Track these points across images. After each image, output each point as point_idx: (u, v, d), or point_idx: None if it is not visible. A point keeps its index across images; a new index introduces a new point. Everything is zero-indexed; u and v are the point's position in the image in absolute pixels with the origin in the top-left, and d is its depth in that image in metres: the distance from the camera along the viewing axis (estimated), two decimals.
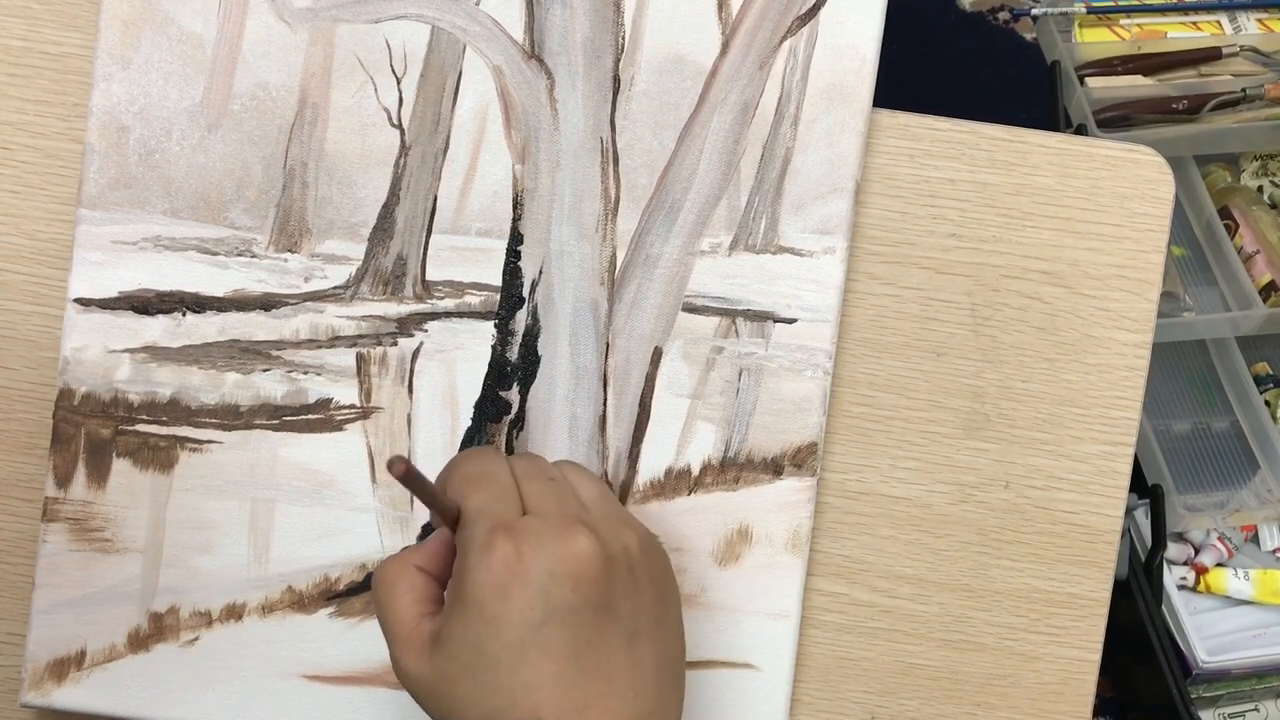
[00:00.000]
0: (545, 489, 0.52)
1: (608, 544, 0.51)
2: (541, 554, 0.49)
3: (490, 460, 0.53)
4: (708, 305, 0.60)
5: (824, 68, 0.60)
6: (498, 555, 0.49)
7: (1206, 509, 1.02)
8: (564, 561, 0.49)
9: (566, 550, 0.49)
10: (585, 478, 0.55)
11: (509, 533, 0.49)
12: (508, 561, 0.49)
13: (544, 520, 0.50)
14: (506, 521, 0.50)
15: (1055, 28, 1.14)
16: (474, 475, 0.52)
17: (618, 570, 0.51)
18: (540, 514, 0.51)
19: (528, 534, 0.50)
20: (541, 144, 0.60)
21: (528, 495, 0.52)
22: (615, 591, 0.50)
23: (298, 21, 0.60)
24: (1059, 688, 0.62)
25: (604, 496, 0.54)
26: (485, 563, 0.49)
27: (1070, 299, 0.61)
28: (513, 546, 0.49)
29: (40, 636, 0.60)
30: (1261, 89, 1.10)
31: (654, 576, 0.53)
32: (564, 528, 0.50)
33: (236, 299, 0.60)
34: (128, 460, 0.60)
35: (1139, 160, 0.61)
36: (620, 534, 0.52)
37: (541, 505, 0.52)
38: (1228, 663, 0.99)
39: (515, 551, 0.49)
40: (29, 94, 0.61)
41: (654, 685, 0.51)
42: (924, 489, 0.62)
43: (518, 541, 0.49)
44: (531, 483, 0.53)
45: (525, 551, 0.49)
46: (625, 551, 0.51)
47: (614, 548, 0.51)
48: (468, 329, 0.60)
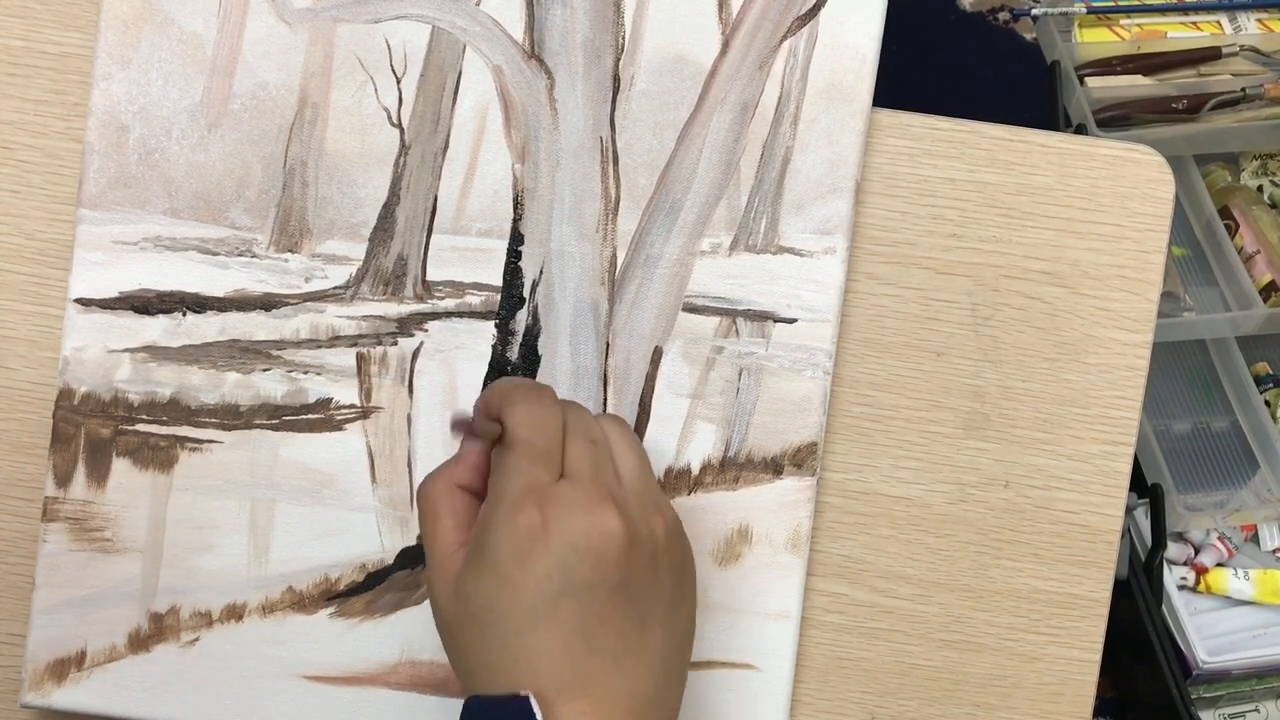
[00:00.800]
0: (585, 453, 0.52)
1: (635, 525, 0.50)
2: (567, 526, 0.49)
3: (545, 407, 0.52)
4: (708, 305, 0.60)
5: (824, 68, 0.60)
6: (524, 519, 0.49)
7: (1206, 509, 1.02)
8: (588, 537, 0.49)
9: (592, 526, 0.49)
10: (628, 444, 0.54)
11: (539, 498, 0.49)
12: (532, 528, 0.49)
13: (576, 489, 0.50)
14: (540, 485, 0.50)
15: (1055, 28, 1.14)
16: (527, 420, 0.51)
17: (640, 553, 0.50)
18: (574, 481, 0.51)
19: (557, 502, 0.49)
20: (541, 144, 0.60)
21: (569, 455, 0.52)
22: (635, 573, 0.50)
23: (298, 21, 0.60)
24: (1059, 688, 0.62)
25: (642, 470, 0.54)
26: (511, 523, 0.49)
27: (1070, 299, 0.61)
28: (540, 514, 0.49)
29: (40, 636, 0.60)
30: (1261, 89, 1.10)
31: (675, 564, 0.53)
32: (594, 502, 0.50)
33: (236, 299, 0.60)
34: (128, 460, 0.60)
35: (1139, 160, 0.61)
36: (649, 515, 0.52)
37: (579, 470, 0.51)
38: (1228, 663, 0.99)
39: (542, 519, 0.49)
40: (29, 94, 0.61)
41: (659, 671, 0.51)
42: (924, 489, 0.62)
43: (546, 509, 0.49)
44: (575, 442, 0.52)
45: (551, 520, 0.49)
46: (651, 535, 0.51)
47: (640, 529, 0.51)
48: (468, 329, 0.60)
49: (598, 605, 0.49)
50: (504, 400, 0.53)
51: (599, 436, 0.53)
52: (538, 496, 0.50)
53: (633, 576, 0.50)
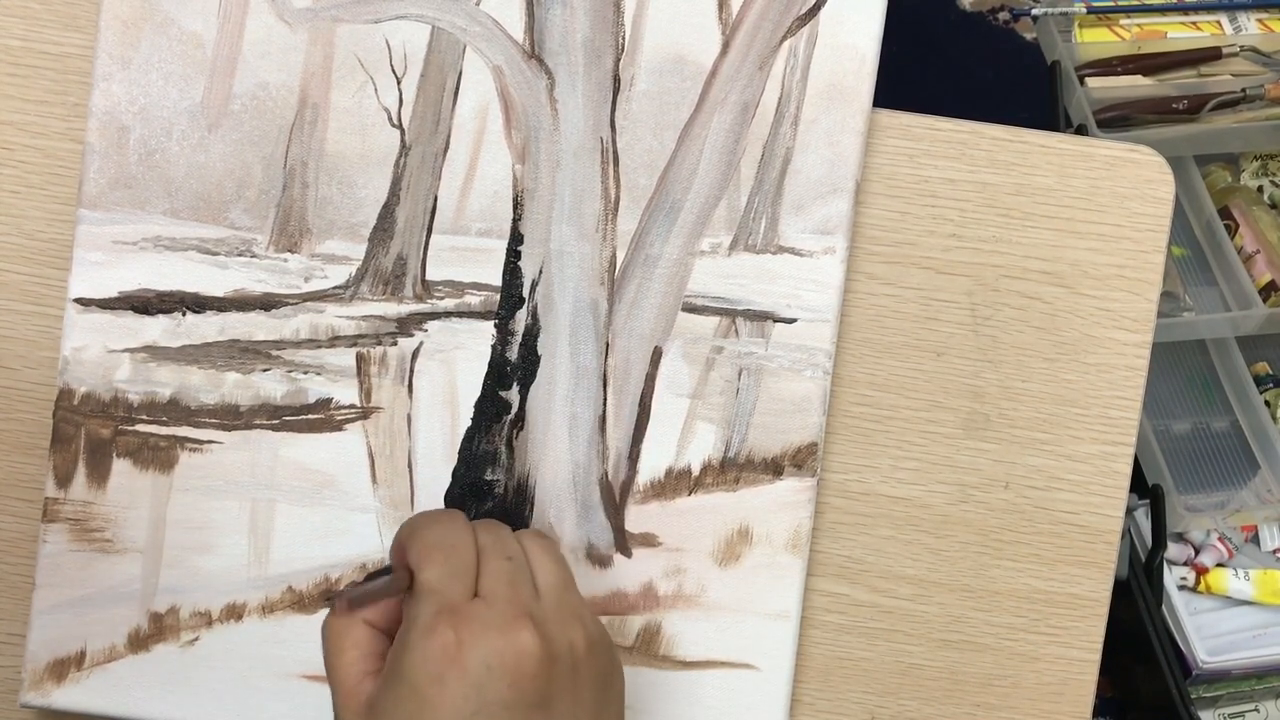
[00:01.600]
0: (500, 570, 0.51)
1: (553, 641, 0.50)
2: (482, 645, 0.48)
3: (454, 531, 0.52)
4: (708, 305, 0.60)
5: (824, 68, 0.60)
6: (438, 640, 0.48)
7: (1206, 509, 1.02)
8: (504, 656, 0.48)
9: (508, 645, 0.49)
10: (547, 558, 0.54)
11: (454, 618, 0.49)
12: (447, 648, 0.48)
13: (491, 608, 0.50)
14: (454, 605, 0.50)
15: (1055, 28, 1.14)
16: (435, 544, 0.51)
17: (560, 668, 0.50)
18: (490, 599, 0.50)
19: (472, 622, 0.49)
20: (541, 144, 0.60)
21: (484, 574, 0.51)
22: (554, 689, 0.49)
23: (298, 21, 0.60)
24: (1059, 688, 0.62)
25: (561, 583, 0.53)
26: (425, 646, 0.49)
27: (1070, 299, 0.61)
28: (454, 634, 0.49)
29: (40, 636, 0.60)
30: (1261, 89, 1.10)
31: (597, 674, 0.52)
32: (510, 619, 0.49)
33: (236, 299, 0.60)
34: (128, 460, 0.60)
35: (1139, 160, 0.61)
36: (568, 629, 0.51)
37: (494, 589, 0.51)
38: (1228, 663, 0.99)
39: (456, 640, 0.48)
40: (29, 94, 0.61)
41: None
42: (924, 489, 0.62)
43: (460, 629, 0.49)
44: (490, 560, 0.52)
45: (466, 640, 0.48)
46: (570, 649, 0.51)
47: (559, 645, 0.50)
48: (468, 329, 0.60)
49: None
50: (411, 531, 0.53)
51: (516, 553, 0.53)
52: (450, 617, 0.49)
53: (552, 693, 0.49)
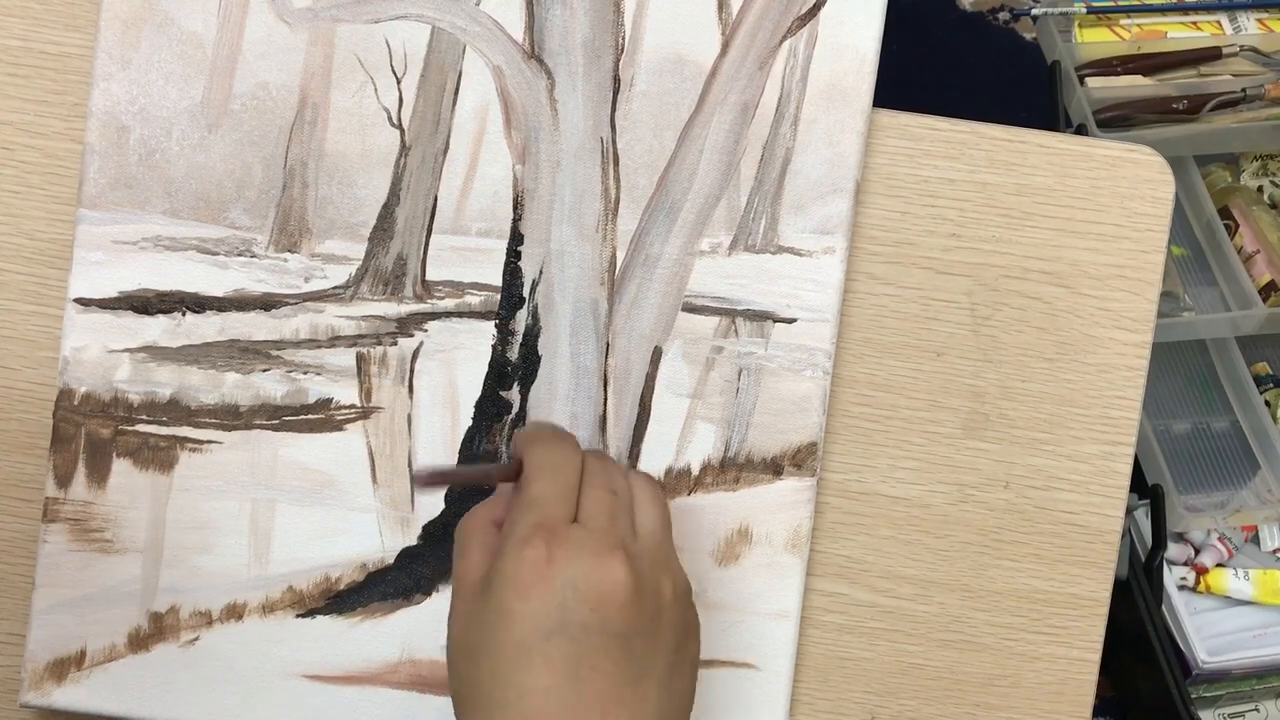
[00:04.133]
0: (603, 500, 0.52)
1: (642, 578, 0.50)
2: (572, 566, 0.49)
3: (563, 452, 0.53)
4: (708, 305, 0.60)
5: (824, 68, 0.60)
6: (529, 554, 0.49)
7: (1206, 509, 1.02)
8: (590, 580, 0.48)
9: (597, 570, 0.49)
10: (652, 502, 0.54)
11: (548, 535, 0.49)
12: (537, 563, 0.48)
13: (587, 533, 0.50)
14: (551, 523, 0.50)
15: (1055, 28, 1.14)
16: (543, 463, 0.52)
17: (644, 607, 0.50)
18: (588, 525, 0.50)
19: (566, 542, 0.49)
20: (541, 144, 0.60)
21: (585, 500, 0.51)
22: (635, 626, 0.49)
23: (298, 21, 0.60)
24: (1059, 688, 0.62)
25: (661, 530, 0.53)
26: (517, 556, 0.49)
27: (1070, 299, 0.61)
28: (546, 550, 0.49)
29: (40, 636, 0.60)
30: (1261, 89, 1.10)
31: (678, 626, 0.52)
32: (604, 548, 0.49)
33: (236, 299, 0.60)
34: (128, 460, 0.60)
35: (1139, 160, 0.61)
36: (658, 574, 0.51)
37: (594, 517, 0.51)
38: (1228, 663, 0.99)
39: (547, 555, 0.49)
40: (29, 94, 0.61)
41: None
42: (924, 489, 0.62)
43: (553, 546, 0.49)
44: (593, 489, 0.52)
45: (557, 558, 0.49)
46: (656, 592, 0.51)
47: (647, 584, 0.50)
48: (468, 329, 0.60)
49: (593, 652, 0.48)
50: (524, 442, 0.53)
51: (621, 488, 0.53)
52: (547, 533, 0.49)
53: (633, 628, 0.49)
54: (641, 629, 0.50)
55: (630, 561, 0.50)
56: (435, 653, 0.60)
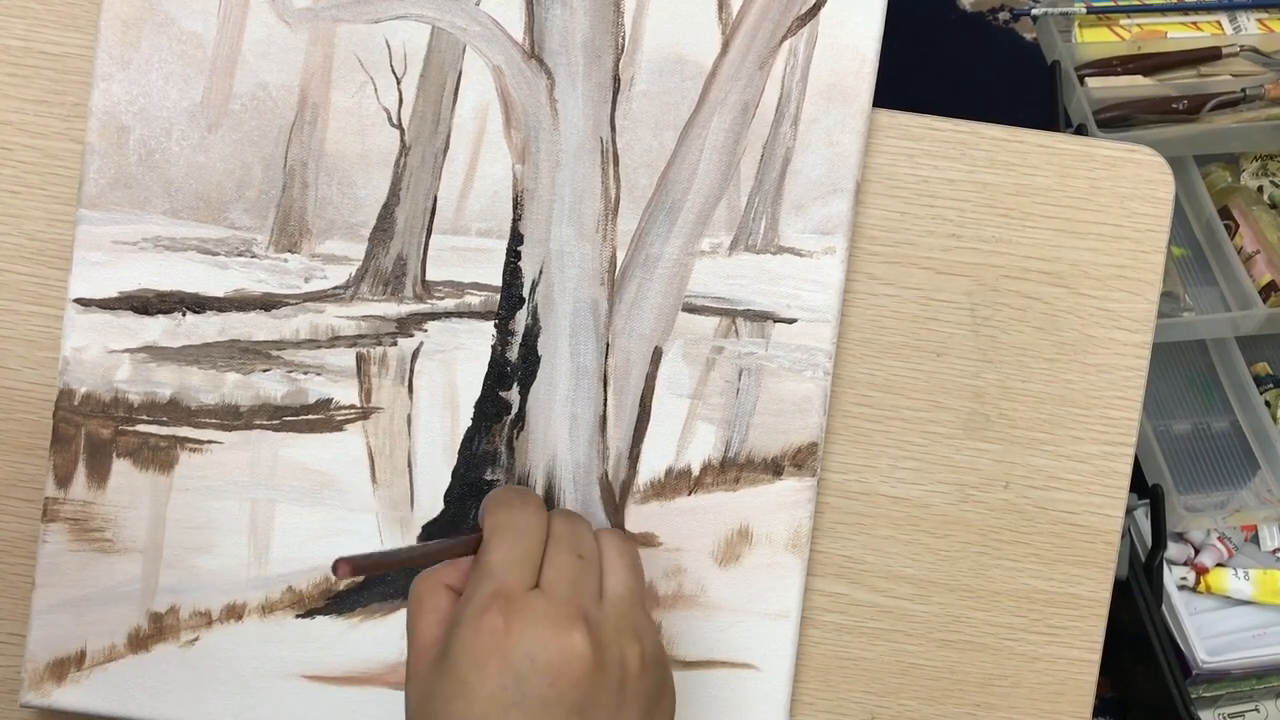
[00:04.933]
0: (567, 566, 0.51)
1: (605, 649, 0.49)
2: (529, 637, 0.48)
3: (525, 515, 0.52)
4: (708, 305, 0.60)
5: (824, 68, 0.60)
6: (487, 623, 0.48)
7: (1206, 509, 1.02)
8: (549, 652, 0.48)
9: (556, 642, 0.48)
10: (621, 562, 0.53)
11: (505, 604, 0.48)
12: (495, 634, 0.48)
13: (547, 603, 0.49)
14: (508, 591, 0.49)
15: (1055, 28, 1.14)
16: (505, 526, 0.51)
17: (606, 679, 0.49)
18: (549, 593, 0.49)
19: (524, 612, 0.48)
20: (541, 144, 0.60)
21: (548, 566, 0.50)
22: (596, 699, 0.48)
23: (298, 21, 0.60)
24: (1059, 688, 0.62)
25: (630, 593, 0.52)
26: (475, 626, 0.48)
27: (1070, 299, 0.61)
28: (503, 621, 0.48)
29: (40, 636, 0.60)
30: (1261, 89, 1.10)
31: (645, 694, 0.50)
32: (563, 618, 0.48)
33: (236, 299, 0.60)
34: (128, 460, 0.60)
35: (1139, 160, 0.61)
36: (624, 642, 0.50)
37: (555, 585, 0.50)
38: (1228, 663, 0.99)
39: (505, 627, 0.48)
40: (29, 94, 0.61)
41: None
42: (924, 489, 0.62)
43: (510, 617, 0.48)
44: (558, 553, 0.51)
45: (515, 629, 0.48)
46: (621, 662, 0.49)
47: (610, 655, 0.49)
48: (468, 329, 0.60)
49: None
50: (491, 504, 0.52)
51: (589, 551, 0.52)
52: (504, 602, 0.48)
53: (594, 702, 0.48)
54: (603, 701, 0.49)
55: (592, 632, 0.49)
56: None
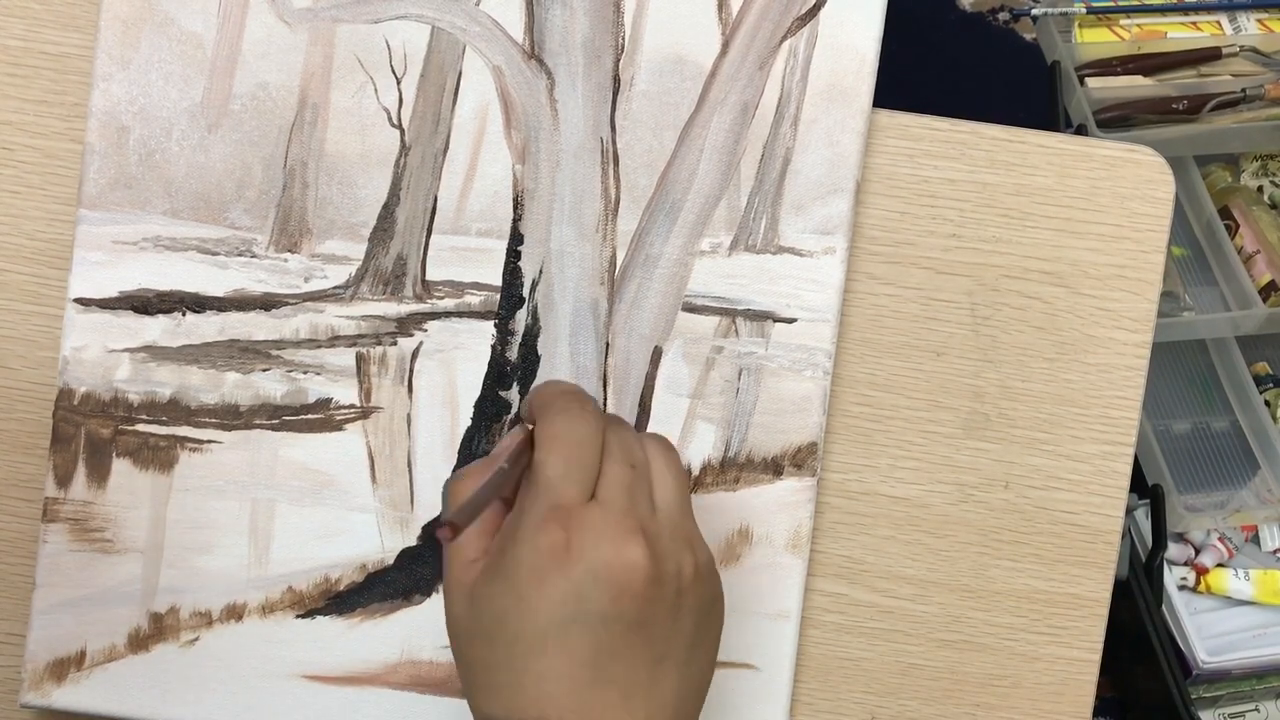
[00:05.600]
0: (622, 477, 0.50)
1: (662, 560, 0.49)
2: (591, 553, 0.47)
3: (583, 424, 0.50)
4: (708, 305, 0.60)
5: (824, 68, 0.60)
6: (546, 538, 0.47)
7: (1206, 509, 1.02)
8: (610, 568, 0.47)
9: (617, 556, 0.47)
10: (670, 473, 0.52)
11: (566, 519, 0.48)
12: (555, 549, 0.47)
13: (606, 515, 0.48)
14: (568, 505, 0.48)
15: (1055, 28, 1.14)
16: (562, 437, 0.49)
17: (664, 590, 0.49)
18: (607, 506, 0.49)
19: (584, 527, 0.48)
20: (541, 144, 0.60)
21: (605, 478, 0.49)
22: (655, 611, 0.48)
23: (298, 21, 0.60)
24: (1059, 688, 0.62)
25: (680, 502, 0.51)
26: (533, 541, 0.47)
27: (1070, 299, 0.61)
28: (564, 535, 0.47)
29: (40, 636, 0.60)
30: (1261, 89, 1.10)
31: (699, 604, 0.51)
32: (623, 531, 0.48)
33: (236, 299, 0.60)
34: (128, 460, 0.60)
35: (1139, 160, 0.61)
36: (679, 552, 0.50)
37: (613, 495, 0.49)
38: (1228, 663, 0.99)
39: (565, 541, 0.47)
40: (29, 94, 0.61)
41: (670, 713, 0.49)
42: (924, 489, 0.62)
43: (571, 532, 0.47)
44: (612, 465, 0.50)
45: (575, 544, 0.47)
46: (678, 573, 0.49)
47: (667, 566, 0.49)
48: (468, 329, 0.60)
49: (612, 639, 0.47)
50: (543, 408, 0.51)
51: (639, 460, 0.51)
52: (564, 517, 0.48)
53: (652, 614, 0.48)
54: (661, 614, 0.49)
55: (650, 544, 0.48)
56: (435, 653, 0.60)
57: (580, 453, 0.49)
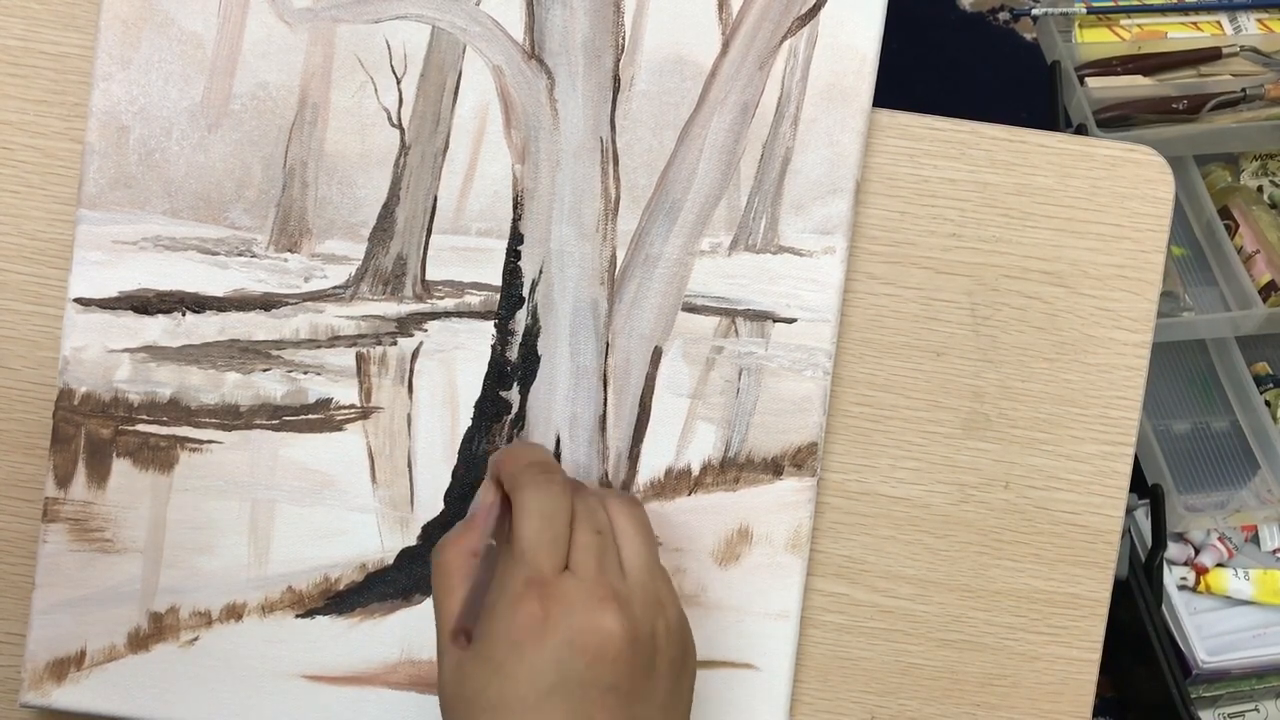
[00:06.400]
0: (591, 545, 0.52)
1: (636, 625, 0.50)
2: (566, 622, 0.49)
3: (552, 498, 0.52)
4: (708, 305, 0.60)
5: (824, 68, 0.60)
6: (524, 611, 0.49)
7: (1206, 509, 1.02)
8: (586, 635, 0.49)
9: (591, 624, 0.49)
10: (635, 533, 0.54)
11: (542, 591, 0.49)
12: (532, 621, 0.49)
13: (579, 585, 0.50)
14: (543, 576, 0.50)
15: (1055, 28, 1.14)
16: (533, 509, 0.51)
17: (639, 653, 0.50)
18: (579, 575, 0.51)
19: (559, 597, 0.49)
20: (541, 144, 0.60)
21: (575, 547, 0.51)
22: (631, 673, 0.50)
23: (298, 21, 0.60)
24: (1059, 688, 0.62)
25: (648, 562, 0.53)
26: (511, 614, 0.49)
27: (1070, 299, 0.61)
28: (541, 607, 0.49)
29: (40, 636, 0.60)
30: (1261, 89, 1.10)
31: (673, 661, 0.52)
32: (596, 600, 0.50)
33: (236, 299, 0.60)
34: (128, 460, 0.60)
35: (1139, 160, 0.61)
36: (651, 615, 0.51)
37: (583, 564, 0.51)
38: (1228, 663, 0.99)
39: (542, 612, 0.49)
40: (29, 94, 0.61)
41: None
42: (924, 489, 0.62)
43: (547, 603, 0.49)
44: (582, 533, 0.52)
45: (552, 615, 0.49)
46: (651, 635, 0.51)
47: (641, 629, 0.50)
48: (468, 329, 0.60)
49: (589, 704, 0.49)
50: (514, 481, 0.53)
51: (604, 526, 0.53)
52: (540, 589, 0.49)
53: (629, 676, 0.50)
54: (638, 676, 0.50)
55: (623, 609, 0.50)
56: (434, 653, 0.60)
57: (552, 524, 0.51)
